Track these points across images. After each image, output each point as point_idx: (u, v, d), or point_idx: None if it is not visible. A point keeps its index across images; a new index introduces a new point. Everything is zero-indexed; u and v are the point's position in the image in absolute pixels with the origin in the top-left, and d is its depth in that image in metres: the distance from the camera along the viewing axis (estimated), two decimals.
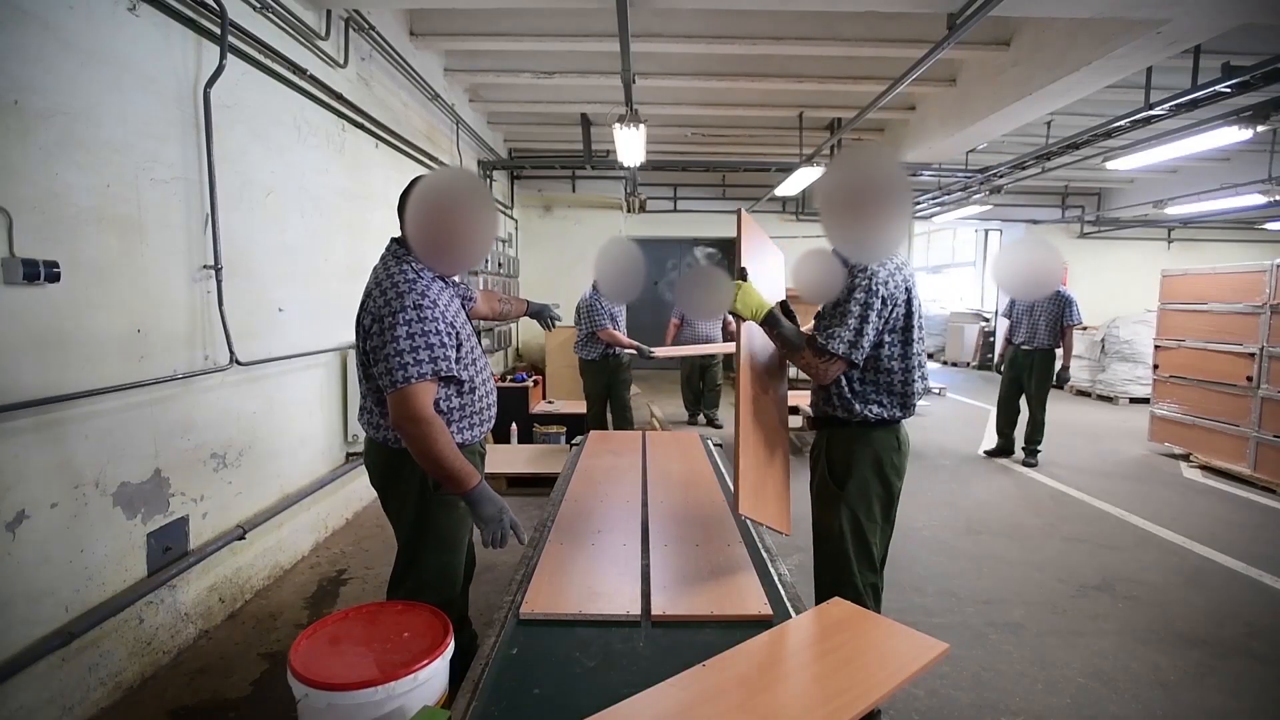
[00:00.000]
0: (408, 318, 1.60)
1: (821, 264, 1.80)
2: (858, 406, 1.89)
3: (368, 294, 1.68)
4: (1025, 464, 5.26)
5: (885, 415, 1.90)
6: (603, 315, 4.73)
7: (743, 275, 1.82)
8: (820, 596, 1.89)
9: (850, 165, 1.67)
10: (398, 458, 1.76)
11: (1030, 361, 5.20)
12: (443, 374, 1.65)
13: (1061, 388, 5.23)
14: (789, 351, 1.89)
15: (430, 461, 1.63)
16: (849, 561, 1.88)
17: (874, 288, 1.78)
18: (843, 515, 1.89)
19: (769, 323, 1.82)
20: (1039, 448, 5.30)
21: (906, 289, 1.86)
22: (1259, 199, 7.33)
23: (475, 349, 1.84)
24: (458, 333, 1.73)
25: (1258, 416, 4.83)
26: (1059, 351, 5.15)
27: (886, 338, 1.86)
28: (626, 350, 4.86)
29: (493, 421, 1.94)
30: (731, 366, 7.28)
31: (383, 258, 1.74)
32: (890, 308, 1.82)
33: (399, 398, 1.60)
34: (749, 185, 9.68)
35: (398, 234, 1.77)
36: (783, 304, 1.97)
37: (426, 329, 1.61)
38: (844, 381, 1.90)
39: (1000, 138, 6.06)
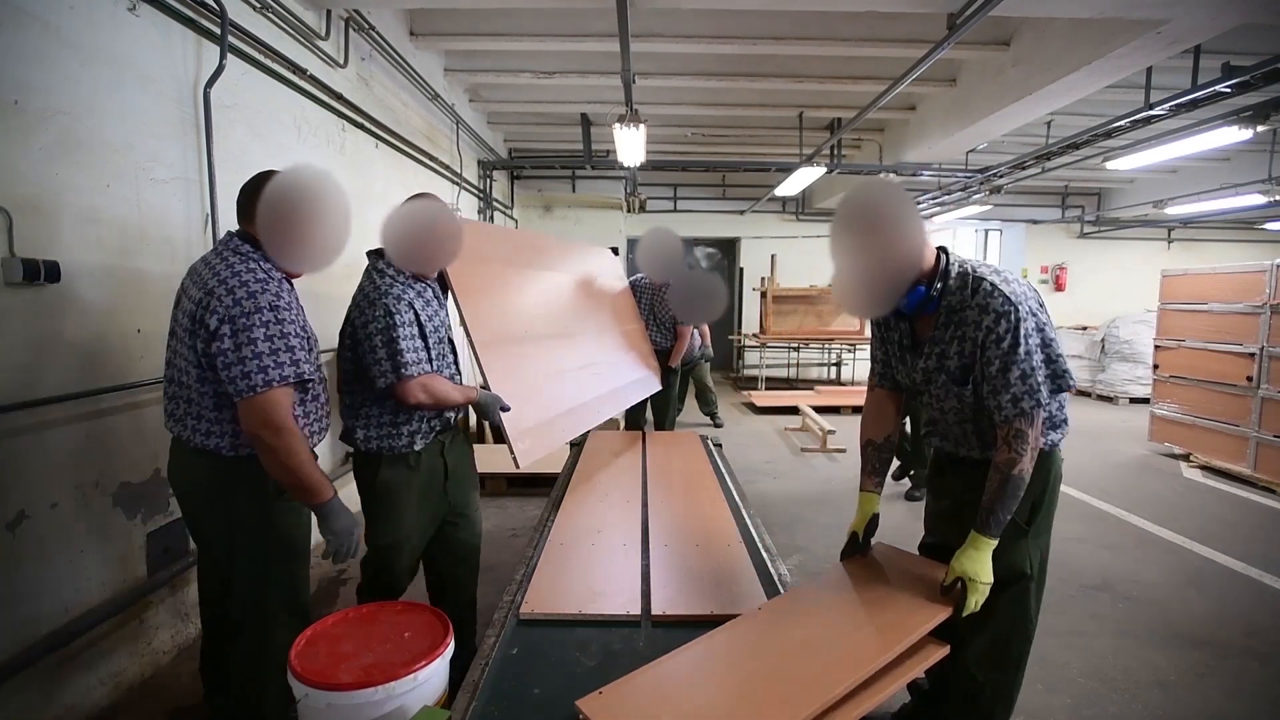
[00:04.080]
0: (265, 319, 1.52)
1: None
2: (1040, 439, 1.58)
3: (209, 293, 1.53)
4: (910, 497, 4.30)
5: (1065, 426, 1.65)
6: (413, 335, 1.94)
7: (959, 589, 1.48)
8: (979, 647, 1.65)
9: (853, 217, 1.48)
10: (235, 467, 1.63)
11: None
12: (305, 377, 1.58)
13: None
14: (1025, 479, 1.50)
15: (289, 472, 1.55)
16: (1031, 602, 1.66)
17: (1030, 331, 1.47)
18: (1033, 556, 1.65)
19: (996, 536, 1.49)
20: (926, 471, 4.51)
21: (1036, 297, 1.58)
22: (1259, 199, 7.32)
23: (317, 352, 1.75)
24: (308, 337, 1.67)
25: (1258, 416, 4.83)
26: None
27: None
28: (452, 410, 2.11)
29: (325, 433, 1.82)
30: (734, 367, 5.86)
31: (219, 253, 1.62)
32: (1037, 333, 1.52)
33: (259, 404, 1.50)
34: (749, 185, 9.69)
35: (235, 228, 1.71)
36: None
37: (285, 330, 1.55)
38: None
39: (1000, 138, 6.05)
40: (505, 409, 2.14)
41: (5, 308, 1.82)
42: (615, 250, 4.48)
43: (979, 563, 1.47)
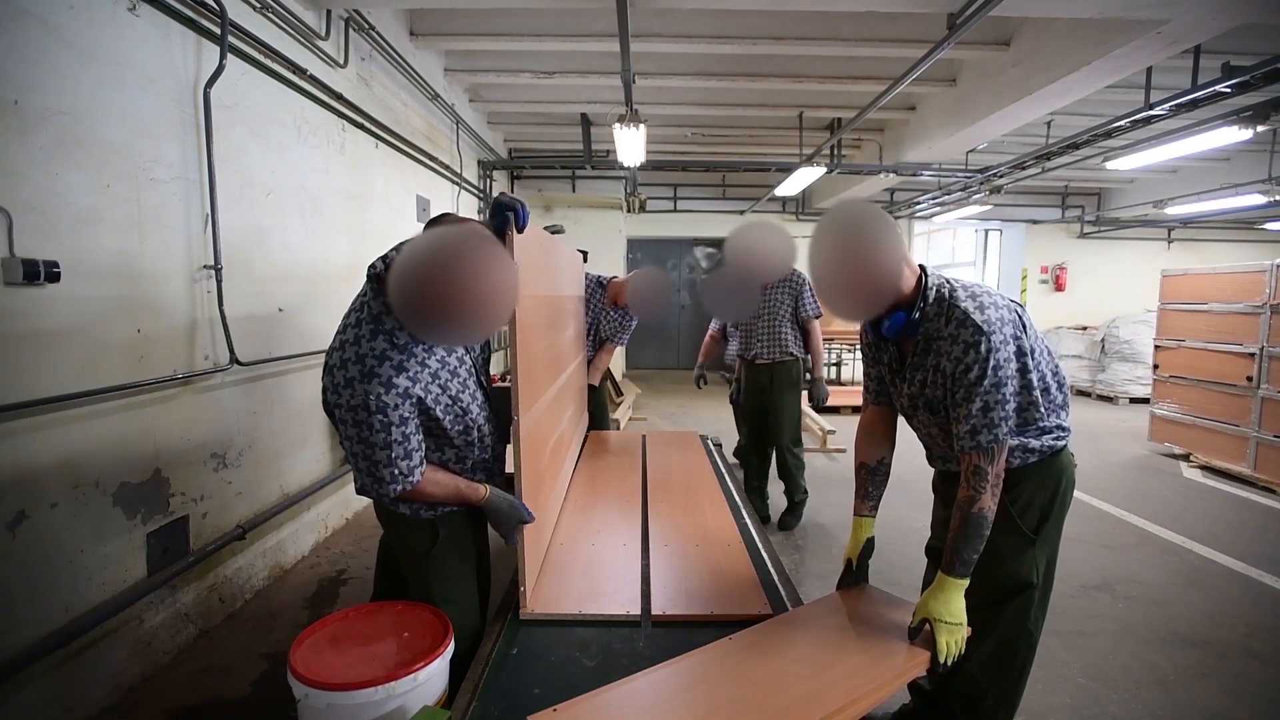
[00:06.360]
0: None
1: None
2: (1034, 444, 1.58)
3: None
4: (783, 525, 3.77)
5: (1066, 434, 1.62)
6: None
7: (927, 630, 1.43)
8: (983, 655, 1.62)
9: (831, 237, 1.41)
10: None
11: (768, 379, 3.72)
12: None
13: (818, 409, 3.41)
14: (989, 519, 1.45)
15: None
16: (1034, 609, 1.62)
17: (1001, 363, 1.42)
18: (1040, 564, 1.60)
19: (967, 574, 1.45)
20: (800, 498, 3.84)
21: (1017, 316, 1.52)
22: (1259, 199, 7.32)
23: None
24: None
25: (1258, 416, 4.83)
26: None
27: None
28: None
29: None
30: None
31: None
32: (1017, 359, 1.49)
33: None
34: (749, 185, 9.69)
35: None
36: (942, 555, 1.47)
37: None
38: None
39: (1000, 138, 6.05)
40: (526, 521, 1.63)
41: (5, 308, 1.82)
42: (584, 255, 3.66)
43: (946, 603, 1.42)
